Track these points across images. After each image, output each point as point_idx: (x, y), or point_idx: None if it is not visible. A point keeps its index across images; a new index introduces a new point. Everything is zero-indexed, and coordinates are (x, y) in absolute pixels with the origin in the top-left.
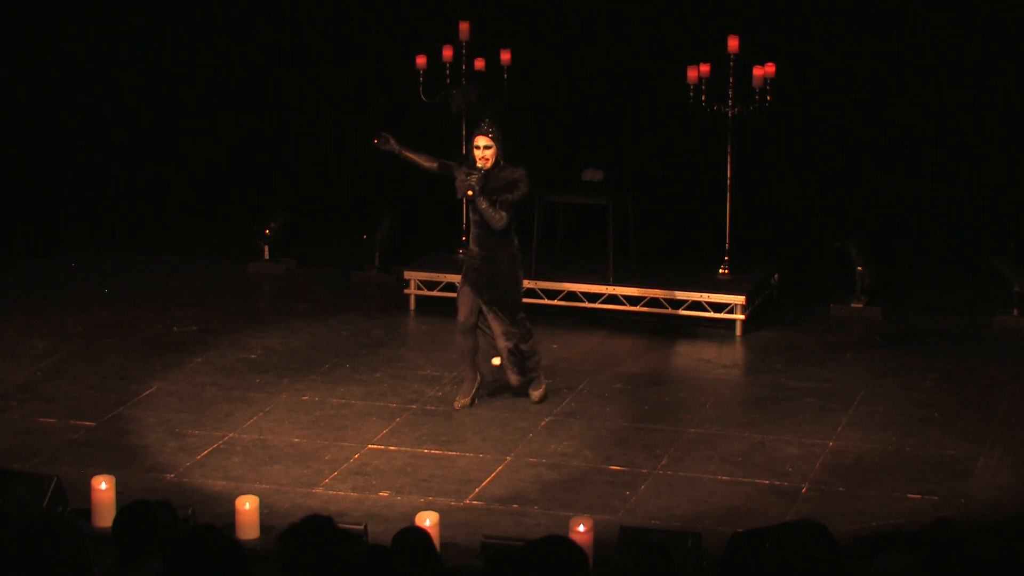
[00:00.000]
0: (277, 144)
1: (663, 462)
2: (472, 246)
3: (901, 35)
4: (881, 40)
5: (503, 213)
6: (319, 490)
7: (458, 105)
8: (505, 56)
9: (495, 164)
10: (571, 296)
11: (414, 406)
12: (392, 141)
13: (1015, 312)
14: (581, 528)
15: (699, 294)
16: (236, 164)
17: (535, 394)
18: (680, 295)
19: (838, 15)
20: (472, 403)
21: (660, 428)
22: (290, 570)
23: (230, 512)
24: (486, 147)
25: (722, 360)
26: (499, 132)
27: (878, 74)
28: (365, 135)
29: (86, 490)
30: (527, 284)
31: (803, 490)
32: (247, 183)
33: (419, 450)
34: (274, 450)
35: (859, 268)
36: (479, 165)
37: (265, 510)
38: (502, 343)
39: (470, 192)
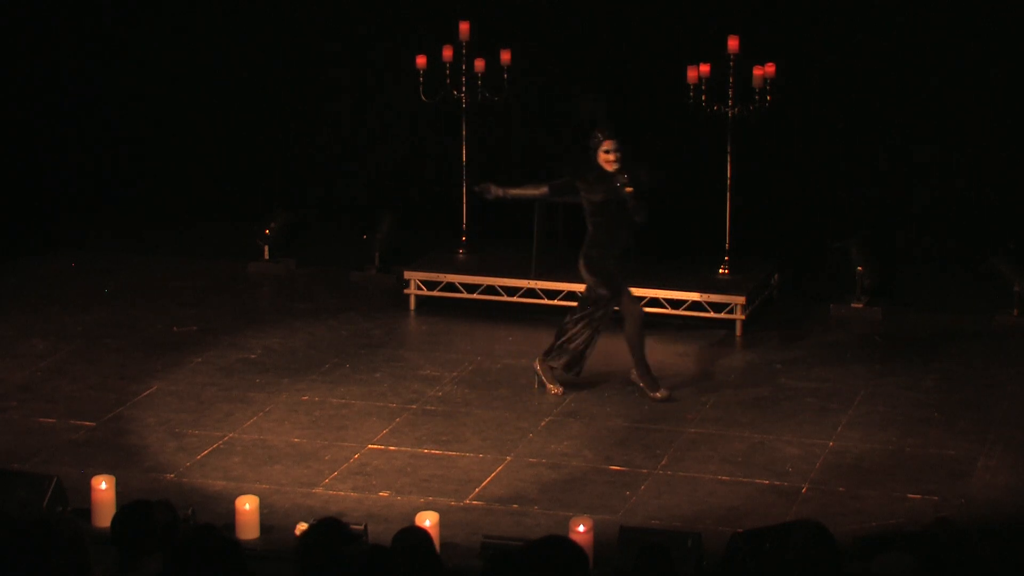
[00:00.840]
0: (277, 144)
1: (663, 462)
2: (609, 247)
3: (901, 35)
4: (881, 40)
5: (645, 203)
6: (319, 490)
7: (586, 111)
8: (505, 56)
9: (621, 165)
10: (571, 296)
11: (414, 406)
12: (492, 187)
13: (1015, 312)
14: (581, 528)
15: (699, 294)
16: (236, 164)
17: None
18: (680, 295)
19: (838, 15)
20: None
21: (660, 428)
22: (303, 571)
23: (230, 512)
24: (616, 150)
25: (722, 360)
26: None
27: (878, 74)
28: (365, 135)
29: (86, 490)
30: (528, 284)
31: (803, 490)
32: (247, 183)
33: (419, 450)
34: (274, 450)
35: (859, 268)
36: (611, 169)
37: (265, 510)
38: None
39: (629, 190)
